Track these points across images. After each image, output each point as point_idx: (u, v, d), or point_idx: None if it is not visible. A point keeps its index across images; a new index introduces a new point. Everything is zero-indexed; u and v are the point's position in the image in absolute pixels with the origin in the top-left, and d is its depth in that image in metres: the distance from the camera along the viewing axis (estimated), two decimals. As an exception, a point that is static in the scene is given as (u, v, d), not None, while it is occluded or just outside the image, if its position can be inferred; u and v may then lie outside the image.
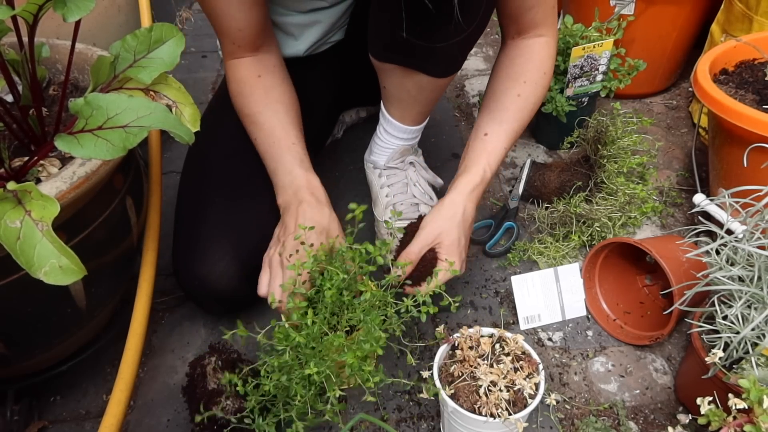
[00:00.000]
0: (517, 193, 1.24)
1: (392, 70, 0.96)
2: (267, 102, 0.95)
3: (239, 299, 0.96)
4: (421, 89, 0.98)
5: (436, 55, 0.90)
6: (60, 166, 0.72)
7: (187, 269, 0.93)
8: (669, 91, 1.63)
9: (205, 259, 0.91)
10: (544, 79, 0.96)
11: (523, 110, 0.96)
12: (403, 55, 0.92)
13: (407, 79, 0.96)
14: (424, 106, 1.04)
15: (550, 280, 1.02)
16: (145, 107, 0.63)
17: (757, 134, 0.90)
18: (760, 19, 1.20)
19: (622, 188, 1.13)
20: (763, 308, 0.71)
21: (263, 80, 0.95)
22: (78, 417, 0.89)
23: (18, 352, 0.75)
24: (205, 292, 0.92)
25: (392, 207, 1.11)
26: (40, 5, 0.62)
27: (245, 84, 0.95)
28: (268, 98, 0.95)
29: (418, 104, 1.03)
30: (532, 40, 0.95)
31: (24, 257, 0.55)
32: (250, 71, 0.95)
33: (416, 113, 1.05)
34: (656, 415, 0.89)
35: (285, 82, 0.99)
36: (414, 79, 0.95)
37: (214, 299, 0.95)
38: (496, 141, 0.95)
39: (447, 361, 0.81)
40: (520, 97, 0.95)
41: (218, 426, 0.78)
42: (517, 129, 0.96)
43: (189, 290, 0.96)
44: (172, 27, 0.75)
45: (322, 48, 1.15)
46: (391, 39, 0.89)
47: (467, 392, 0.76)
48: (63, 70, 0.88)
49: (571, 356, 0.98)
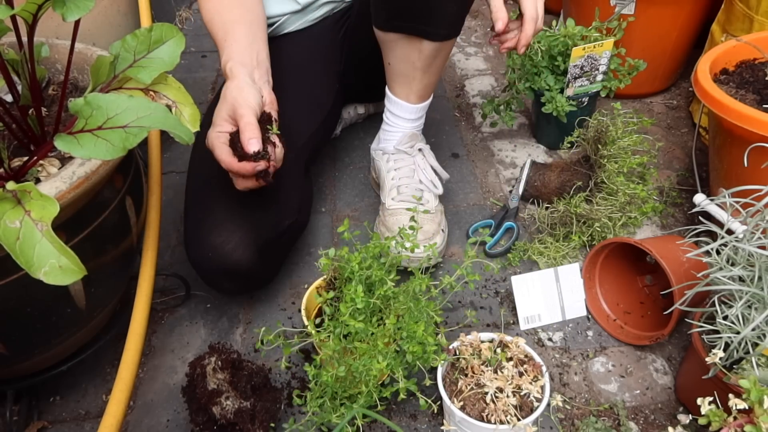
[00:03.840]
0: (517, 193, 1.24)
1: (396, 42, 1.01)
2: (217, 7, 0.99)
3: (251, 277, 0.95)
4: (425, 58, 1.02)
5: (436, 15, 0.94)
6: (59, 166, 0.72)
7: (200, 240, 0.91)
8: (669, 91, 1.63)
9: (221, 229, 0.90)
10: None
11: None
12: (405, 20, 0.96)
13: (411, 49, 1.00)
14: (429, 78, 1.08)
15: (550, 280, 1.02)
16: (145, 107, 0.63)
17: (757, 134, 0.90)
18: (761, 19, 1.20)
19: (622, 188, 1.12)
20: (763, 308, 0.71)
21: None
22: (78, 417, 0.89)
23: (18, 352, 0.75)
24: (216, 264, 0.90)
25: (396, 189, 1.12)
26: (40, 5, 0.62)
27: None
28: (220, 3, 0.99)
29: (422, 76, 1.07)
30: None
31: (24, 257, 0.55)
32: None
33: (421, 88, 1.09)
34: (656, 415, 0.89)
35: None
36: (417, 47, 1.00)
37: (224, 273, 0.92)
38: None
39: (449, 369, 0.81)
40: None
41: (218, 426, 0.78)
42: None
43: (200, 263, 0.93)
44: (172, 27, 0.75)
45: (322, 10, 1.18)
46: (392, 4, 0.94)
47: (473, 400, 0.75)
48: (62, 70, 0.88)
49: (572, 356, 0.97)
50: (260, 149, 0.82)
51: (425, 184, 1.13)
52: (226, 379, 0.79)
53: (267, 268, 1.00)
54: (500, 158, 1.40)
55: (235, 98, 0.86)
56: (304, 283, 1.08)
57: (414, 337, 0.75)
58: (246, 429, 0.77)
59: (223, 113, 0.86)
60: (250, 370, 0.82)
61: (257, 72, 0.93)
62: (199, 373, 0.79)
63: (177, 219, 1.21)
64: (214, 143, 0.84)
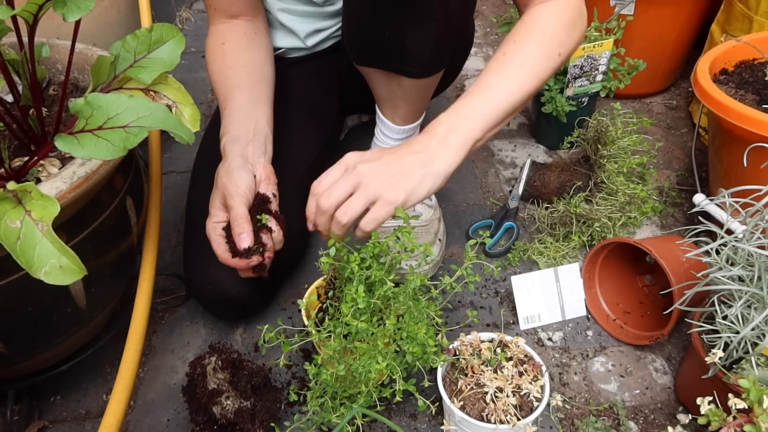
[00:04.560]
0: (517, 193, 1.24)
1: (375, 73, 0.96)
2: (222, 70, 0.96)
3: (249, 307, 0.97)
4: (405, 90, 0.97)
5: (408, 56, 0.88)
6: (60, 166, 0.72)
7: (200, 271, 0.91)
8: (669, 91, 1.63)
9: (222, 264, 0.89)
10: (541, 37, 0.82)
11: (507, 66, 0.81)
12: (378, 59, 0.91)
13: (390, 81, 0.95)
14: (413, 105, 1.03)
15: (550, 280, 1.02)
16: (146, 107, 0.63)
17: (757, 134, 0.90)
18: (760, 19, 1.20)
19: (622, 188, 1.13)
20: (763, 308, 0.71)
21: (224, 47, 0.96)
22: (78, 417, 0.89)
23: (18, 352, 0.75)
24: (218, 297, 0.91)
25: None
26: (40, 5, 0.62)
27: (211, 53, 0.97)
28: (224, 66, 0.96)
29: (406, 104, 1.02)
30: (539, 7, 0.84)
31: (24, 257, 0.55)
32: (218, 39, 0.97)
33: (407, 113, 1.05)
34: (656, 415, 0.89)
35: (248, 48, 0.98)
36: (396, 81, 0.94)
37: (225, 305, 0.94)
38: (463, 97, 0.82)
39: (449, 369, 0.81)
40: (505, 55, 0.82)
41: (218, 426, 0.78)
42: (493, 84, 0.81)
43: (200, 294, 0.95)
44: (172, 27, 0.75)
45: (326, 44, 1.15)
46: (364, 44, 0.89)
47: (473, 400, 0.75)
48: (63, 70, 0.88)
49: (571, 356, 0.98)
50: (251, 245, 0.81)
51: None
52: (226, 378, 0.79)
53: (265, 297, 1.00)
54: (500, 158, 1.40)
55: (225, 185, 0.84)
56: (304, 283, 1.08)
57: (414, 339, 0.75)
58: (246, 429, 0.77)
59: (216, 202, 0.85)
60: (250, 370, 0.83)
61: (252, 145, 0.90)
62: (200, 372, 0.79)
63: (177, 219, 1.21)
64: (211, 236, 0.83)
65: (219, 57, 0.96)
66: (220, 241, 0.83)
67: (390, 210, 0.75)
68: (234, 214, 0.82)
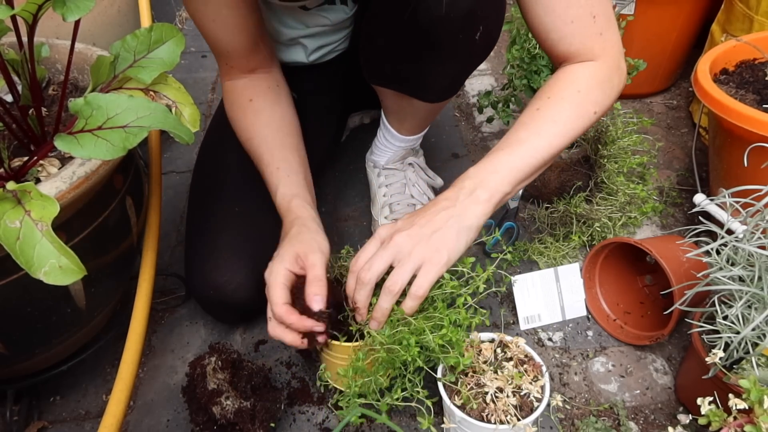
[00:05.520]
0: (517, 193, 1.24)
1: (386, 92, 0.96)
2: (256, 128, 0.93)
3: (250, 311, 0.97)
4: (416, 109, 0.98)
5: (426, 86, 0.89)
6: (60, 166, 0.72)
7: (202, 275, 0.91)
8: (669, 90, 1.63)
9: (224, 269, 0.90)
10: (576, 95, 0.79)
11: (538, 122, 0.79)
12: (395, 83, 0.92)
13: (403, 101, 0.96)
14: (421, 121, 1.05)
15: (550, 280, 1.02)
16: (145, 107, 0.63)
17: (757, 134, 0.90)
18: (761, 19, 1.20)
19: (622, 188, 1.13)
20: (763, 308, 0.71)
21: (254, 104, 0.93)
22: (78, 417, 0.89)
23: (18, 352, 0.75)
24: (219, 301, 0.92)
25: (389, 207, 1.11)
26: (40, 5, 0.62)
27: (237, 109, 0.94)
28: (257, 123, 0.93)
29: (414, 119, 1.03)
30: (575, 65, 0.81)
31: (24, 257, 0.55)
32: (243, 95, 0.94)
33: (413, 126, 1.06)
34: (656, 415, 0.89)
35: (278, 104, 0.96)
36: (408, 101, 0.95)
37: (226, 309, 0.95)
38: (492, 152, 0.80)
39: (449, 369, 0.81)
40: (539, 111, 0.80)
41: (218, 426, 0.78)
42: (524, 138, 0.79)
43: (201, 296, 0.95)
44: (172, 27, 0.75)
45: (328, 57, 1.15)
46: (382, 69, 0.89)
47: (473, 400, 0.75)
48: (63, 70, 0.88)
49: (571, 356, 0.97)
50: (324, 308, 0.75)
51: (417, 198, 1.12)
52: (226, 379, 0.79)
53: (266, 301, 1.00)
54: (500, 158, 1.40)
55: (308, 242, 0.79)
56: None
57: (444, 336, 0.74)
58: (246, 429, 0.77)
59: (290, 251, 0.79)
60: (250, 370, 0.83)
61: (316, 212, 0.88)
62: (199, 373, 0.79)
63: (177, 219, 1.21)
64: (274, 281, 0.77)
65: (250, 114, 0.93)
66: (283, 290, 0.77)
67: (439, 271, 0.73)
68: (315, 273, 0.77)
